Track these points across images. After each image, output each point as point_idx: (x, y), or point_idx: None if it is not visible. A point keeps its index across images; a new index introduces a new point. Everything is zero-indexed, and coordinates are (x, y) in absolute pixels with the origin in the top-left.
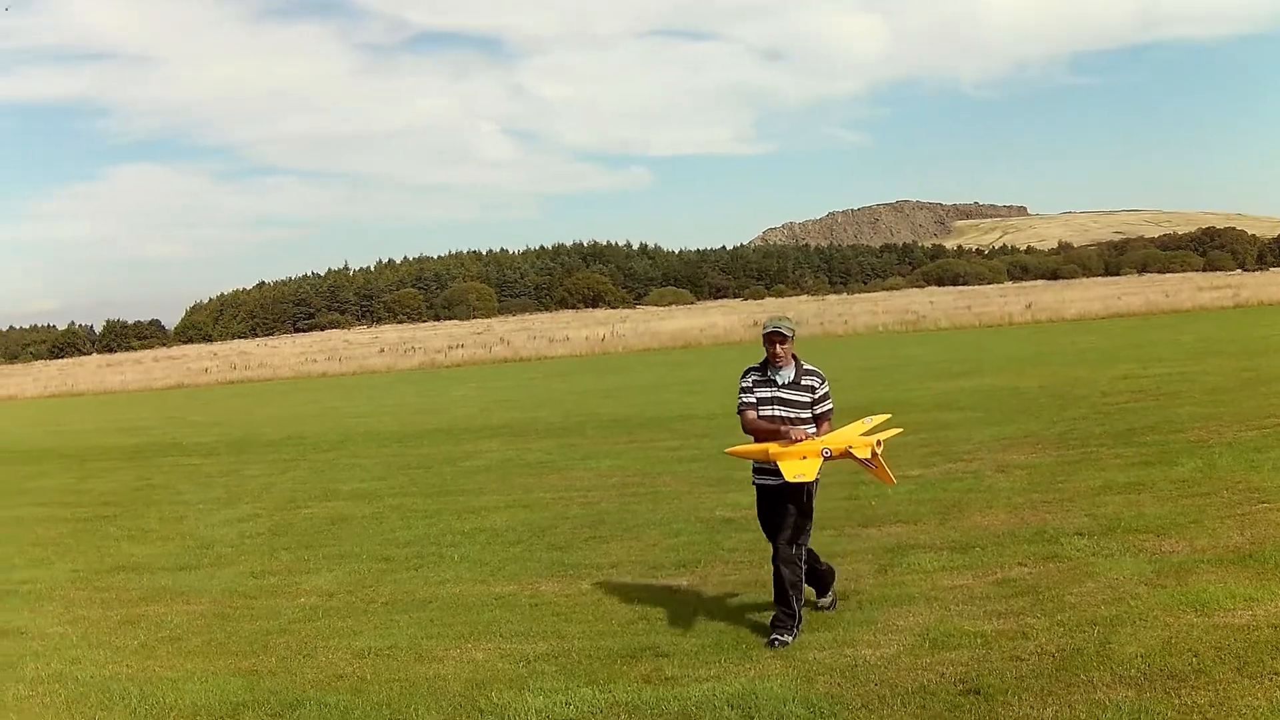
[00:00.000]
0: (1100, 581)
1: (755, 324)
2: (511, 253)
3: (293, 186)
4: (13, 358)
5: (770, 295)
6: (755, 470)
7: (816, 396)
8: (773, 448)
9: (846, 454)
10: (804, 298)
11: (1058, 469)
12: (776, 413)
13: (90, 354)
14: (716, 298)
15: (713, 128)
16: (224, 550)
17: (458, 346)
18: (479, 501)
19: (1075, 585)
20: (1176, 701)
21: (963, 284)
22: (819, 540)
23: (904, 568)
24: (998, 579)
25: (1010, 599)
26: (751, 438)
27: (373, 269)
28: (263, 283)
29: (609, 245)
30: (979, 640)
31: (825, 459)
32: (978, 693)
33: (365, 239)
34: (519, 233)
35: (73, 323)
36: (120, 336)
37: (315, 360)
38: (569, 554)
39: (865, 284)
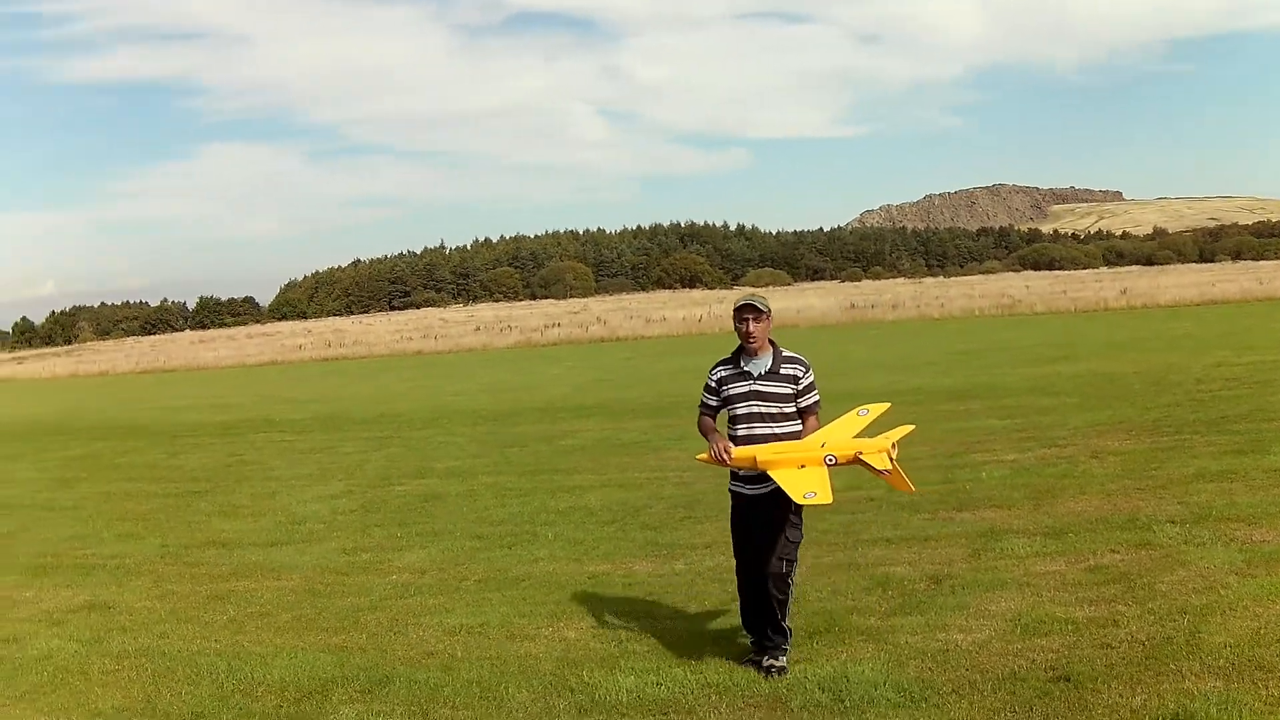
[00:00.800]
0: (1191, 570)
1: (852, 306)
2: (608, 233)
3: (387, 166)
4: (104, 334)
5: (867, 277)
6: (732, 476)
7: (800, 387)
8: (762, 454)
9: (856, 460)
10: (900, 280)
11: (1151, 456)
12: (755, 409)
13: (183, 330)
14: (813, 279)
15: (810, 110)
16: (316, 526)
17: (554, 325)
18: (573, 480)
19: (1166, 573)
20: (1264, 693)
21: (1058, 268)
22: (914, 525)
23: (997, 552)
24: (1090, 565)
25: (1101, 586)
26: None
27: (469, 248)
28: (358, 261)
29: (706, 226)
30: (1070, 627)
31: (830, 466)
32: (1067, 680)
33: (460, 218)
34: (614, 213)
35: (165, 299)
36: (213, 313)
37: (410, 338)
38: (663, 534)
39: (962, 267)
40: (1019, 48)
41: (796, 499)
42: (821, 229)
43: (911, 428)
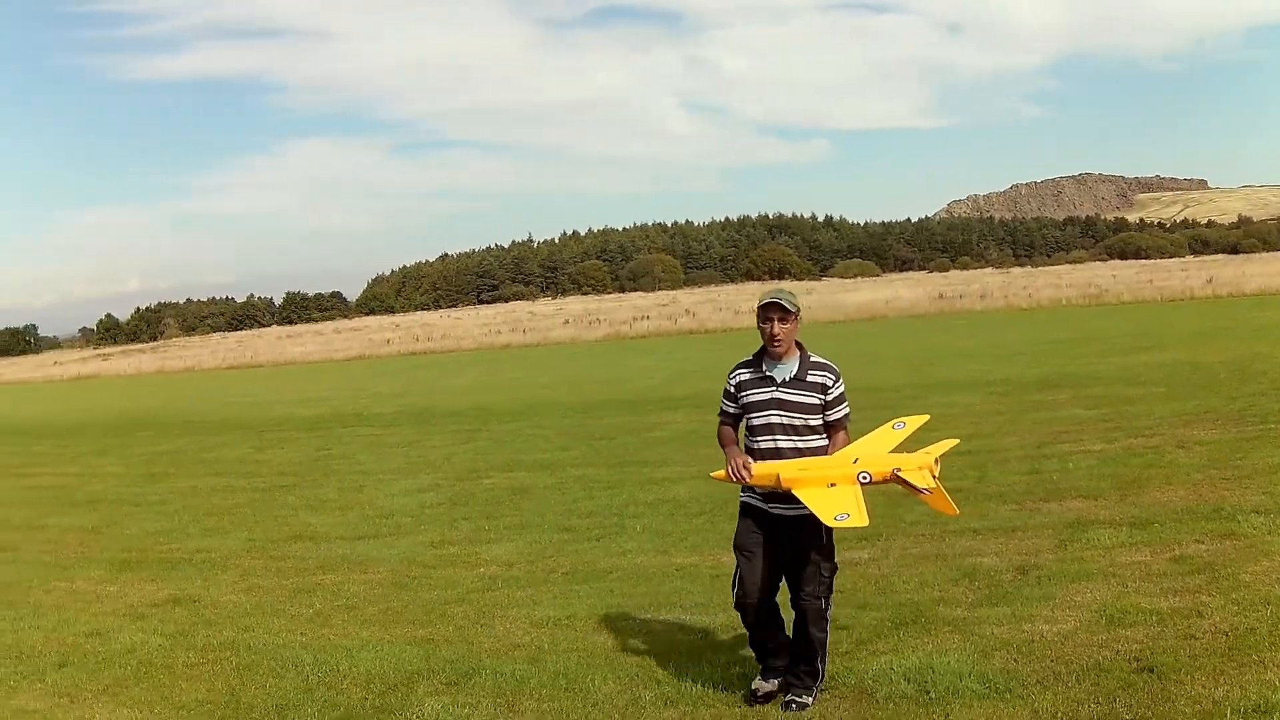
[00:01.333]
0: (1276, 560)
1: (941, 296)
2: (696, 225)
3: (472, 159)
4: (190, 330)
5: (955, 268)
6: (750, 493)
7: (829, 398)
8: (786, 471)
9: (894, 478)
10: (988, 270)
11: (1236, 446)
12: (776, 419)
13: (269, 326)
14: (901, 270)
15: (894, 100)
16: (403, 520)
17: (643, 318)
18: (662, 473)
19: (1251, 564)
20: None
21: (1144, 258)
22: (1001, 515)
23: (1083, 543)
24: (1175, 556)
25: (1186, 576)
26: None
27: (557, 241)
28: (445, 254)
29: (794, 217)
30: (1154, 618)
31: (864, 485)
32: (1151, 670)
33: (547, 211)
34: (699, 205)
35: (251, 295)
36: (300, 308)
37: (499, 332)
38: None
39: (1049, 257)
40: (1099, 36)
41: (826, 521)
42: (909, 219)
43: (955, 441)
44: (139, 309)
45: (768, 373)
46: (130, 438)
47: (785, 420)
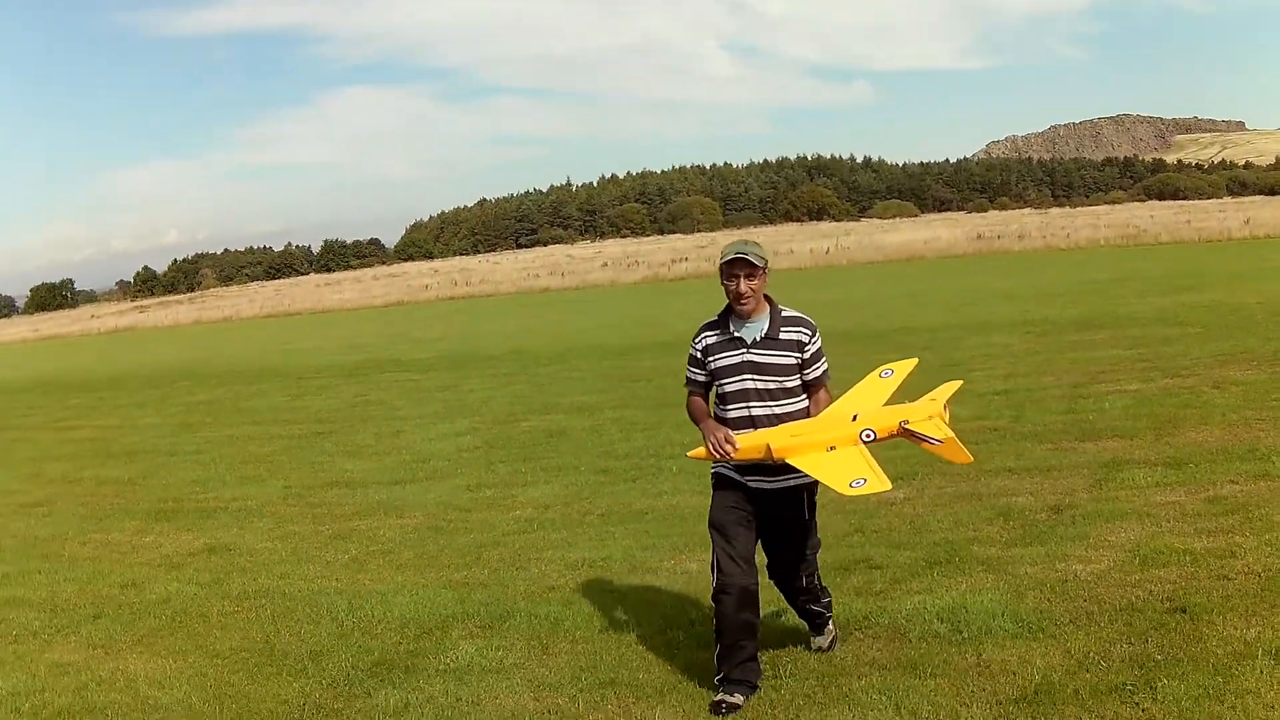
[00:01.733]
0: None
1: (979, 237)
2: (735, 167)
3: (514, 105)
4: (228, 280)
5: (994, 208)
6: (725, 466)
7: (806, 356)
8: (776, 440)
9: (901, 433)
10: (1027, 210)
11: (1272, 386)
12: (749, 384)
13: (308, 274)
14: (940, 210)
15: (934, 42)
16: (440, 464)
17: (681, 260)
18: None
19: None
20: None
21: (1182, 199)
22: (1036, 455)
23: (1118, 483)
24: (1209, 496)
25: (1220, 517)
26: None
27: (596, 185)
28: (484, 200)
29: (833, 159)
30: (1188, 558)
31: (868, 443)
32: (1184, 611)
33: (588, 156)
34: (742, 148)
35: (290, 243)
36: (339, 256)
37: (538, 275)
38: None
39: (1087, 197)
40: None
41: (840, 490)
42: (948, 160)
43: (959, 383)
44: (176, 260)
45: (736, 333)
46: (168, 389)
47: (760, 384)
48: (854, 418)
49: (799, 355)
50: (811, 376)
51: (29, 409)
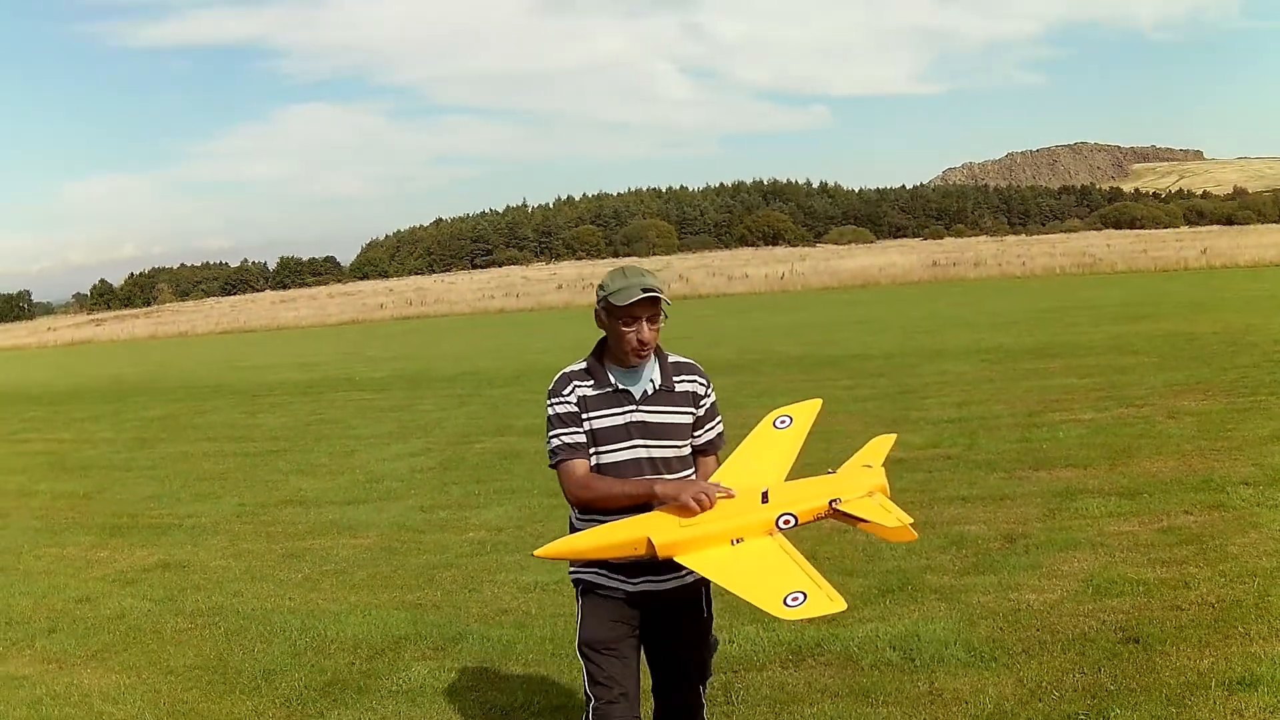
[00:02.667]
0: (1264, 532)
1: (935, 264)
2: (691, 190)
3: (469, 125)
4: (184, 295)
5: (950, 235)
6: (597, 567)
7: (701, 412)
8: (660, 531)
9: (834, 515)
10: (983, 238)
11: (1227, 416)
12: (641, 454)
13: (263, 290)
14: (896, 237)
15: (891, 66)
16: (393, 485)
17: None
18: None
19: (1239, 535)
20: None
21: (1139, 228)
22: (990, 484)
23: (1071, 512)
24: (1163, 526)
25: (1174, 547)
26: (588, 512)
27: (551, 206)
28: (440, 220)
29: (789, 183)
30: (1141, 588)
31: (787, 530)
32: (1137, 641)
33: (543, 177)
34: (698, 170)
35: (245, 260)
36: (294, 273)
37: (493, 296)
38: None
39: (1044, 225)
40: (1096, 4)
41: (771, 609)
42: (904, 186)
43: (892, 438)
44: (133, 274)
45: (620, 385)
46: (123, 403)
47: (653, 452)
48: (764, 496)
49: (694, 411)
50: (704, 439)
51: None
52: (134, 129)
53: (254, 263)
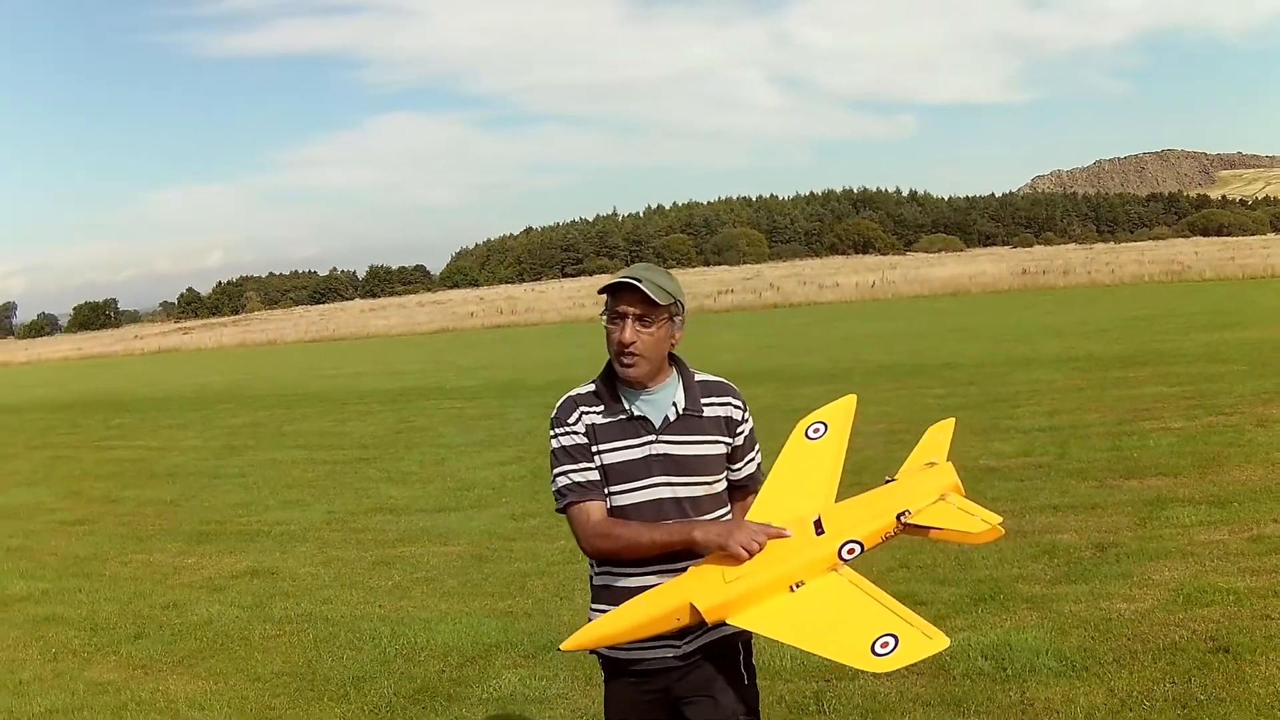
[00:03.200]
0: None
1: (1024, 272)
2: (781, 199)
3: (558, 134)
4: (273, 303)
5: (1039, 243)
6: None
7: (738, 441)
8: (701, 592)
9: (906, 529)
10: (1072, 246)
11: None
12: (664, 493)
13: (352, 299)
14: (985, 245)
15: (977, 75)
16: (484, 492)
17: (727, 292)
18: None
19: None
20: None
21: (1226, 234)
22: (1081, 492)
23: (1162, 521)
24: (1253, 535)
25: (1263, 556)
26: (607, 563)
27: (641, 215)
28: (530, 228)
29: (879, 192)
30: (1231, 597)
31: (851, 559)
32: (1227, 650)
33: (633, 185)
34: (785, 179)
35: (334, 269)
36: (383, 282)
37: (583, 305)
38: None
39: (1131, 233)
40: (1184, 11)
41: (859, 663)
42: (993, 194)
43: (951, 423)
44: (220, 283)
45: (635, 410)
46: (210, 410)
47: (682, 492)
48: (817, 525)
49: (729, 441)
50: (743, 474)
51: (71, 427)
52: (220, 138)
53: (343, 271)
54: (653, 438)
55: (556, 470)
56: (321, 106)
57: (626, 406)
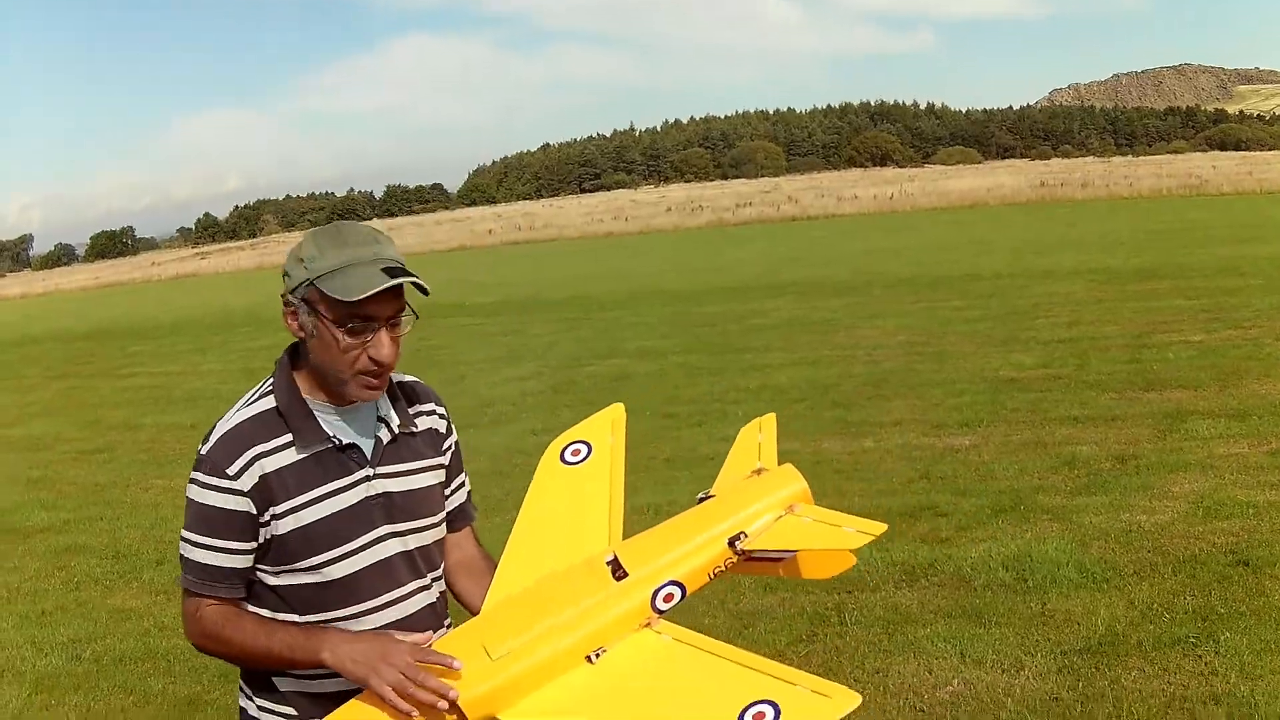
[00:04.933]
0: None
1: (1042, 185)
2: (799, 112)
3: (576, 51)
4: (290, 226)
5: (1057, 156)
6: None
7: (449, 461)
8: (468, 680)
9: (747, 562)
10: (1090, 159)
11: None
12: (394, 547)
13: (370, 219)
14: (1003, 157)
15: None
16: (504, 408)
17: (745, 205)
18: (764, 359)
19: None
20: None
21: (1244, 149)
22: (1101, 404)
23: (1182, 434)
24: (1272, 449)
25: None
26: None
27: (659, 129)
28: (547, 145)
29: (896, 105)
30: (1250, 511)
31: (670, 608)
32: (1247, 564)
33: (650, 102)
34: (805, 94)
35: (352, 189)
36: (401, 201)
37: (601, 220)
38: (852, 412)
39: (1149, 147)
40: None
41: None
42: (1011, 107)
43: (773, 416)
44: (237, 207)
45: (337, 438)
46: (230, 334)
47: (410, 542)
48: (612, 565)
49: (442, 462)
50: (456, 503)
51: (89, 357)
52: (237, 63)
53: (360, 192)
54: (369, 472)
55: (185, 533)
56: (339, 30)
57: (329, 433)
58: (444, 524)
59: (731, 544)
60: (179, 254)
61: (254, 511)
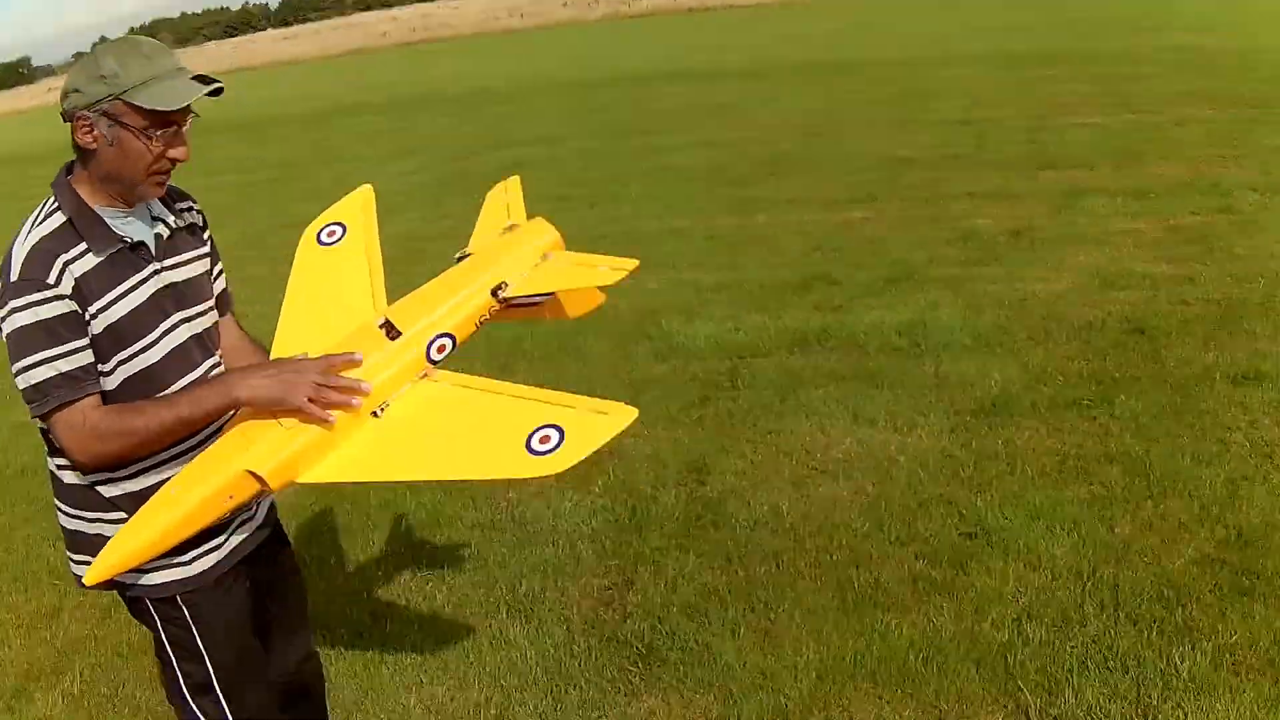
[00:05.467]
0: (1270, 236)
1: None
2: None
3: None
4: (184, 41)
5: None
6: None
7: (209, 247)
8: (255, 451)
9: (506, 310)
10: None
11: (1235, 126)
12: (184, 335)
13: (265, 30)
14: None
15: None
16: (395, 200)
17: None
18: (660, 141)
19: (1245, 238)
20: None
21: None
22: (997, 181)
23: (1078, 210)
24: (1170, 226)
25: (1180, 245)
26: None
27: None
28: None
29: None
30: (1147, 282)
31: (443, 359)
32: (1142, 332)
33: None
34: None
35: (247, 1)
36: (297, 10)
37: (498, 17)
38: (747, 189)
39: None
40: None
41: (514, 471)
42: None
43: (517, 179)
44: (133, 28)
45: (128, 238)
46: None
47: (198, 325)
48: (385, 327)
49: (205, 252)
50: (219, 289)
51: None
52: None
53: (255, 4)
54: (156, 266)
55: (27, 360)
56: None
57: (119, 235)
58: (216, 308)
59: (494, 293)
60: None
61: (79, 310)
